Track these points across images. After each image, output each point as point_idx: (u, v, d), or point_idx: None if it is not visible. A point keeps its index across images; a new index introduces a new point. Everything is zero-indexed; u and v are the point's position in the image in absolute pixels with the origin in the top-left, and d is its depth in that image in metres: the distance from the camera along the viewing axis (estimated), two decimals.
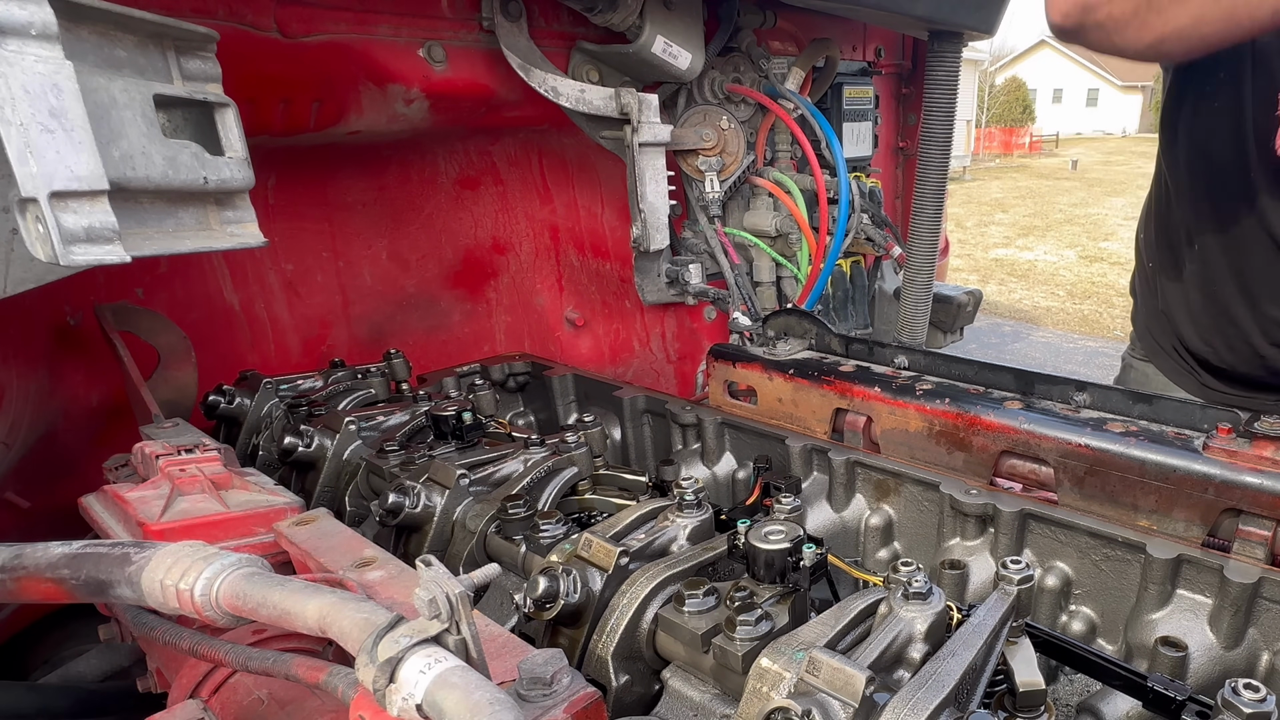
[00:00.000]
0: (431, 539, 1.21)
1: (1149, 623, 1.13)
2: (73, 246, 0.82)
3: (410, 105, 1.79)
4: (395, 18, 1.69)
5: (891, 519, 1.45)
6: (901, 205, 3.20)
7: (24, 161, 0.79)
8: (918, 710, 0.69)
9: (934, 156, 2.25)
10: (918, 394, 1.50)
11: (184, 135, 1.06)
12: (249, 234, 1.12)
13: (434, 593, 0.62)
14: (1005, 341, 8.35)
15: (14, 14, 0.77)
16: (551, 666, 0.67)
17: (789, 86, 2.29)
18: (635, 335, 2.53)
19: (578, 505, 1.31)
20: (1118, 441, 1.27)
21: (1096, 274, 11.39)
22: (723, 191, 2.27)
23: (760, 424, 1.63)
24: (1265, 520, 1.14)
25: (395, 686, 0.59)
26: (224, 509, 1.09)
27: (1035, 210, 17.75)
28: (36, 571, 0.82)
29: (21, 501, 1.51)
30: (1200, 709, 0.84)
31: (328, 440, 1.46)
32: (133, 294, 1.73)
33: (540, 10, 1.88)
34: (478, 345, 2.43)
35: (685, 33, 1.93)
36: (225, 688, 0.90)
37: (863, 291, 2.76)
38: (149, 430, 1.33)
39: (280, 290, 2.01)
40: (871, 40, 2.81)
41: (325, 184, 2.03)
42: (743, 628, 0.81)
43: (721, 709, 0.84)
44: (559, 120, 2.01)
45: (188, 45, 1.07)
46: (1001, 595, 0.87)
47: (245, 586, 0.74)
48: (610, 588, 0.94)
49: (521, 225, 2.41)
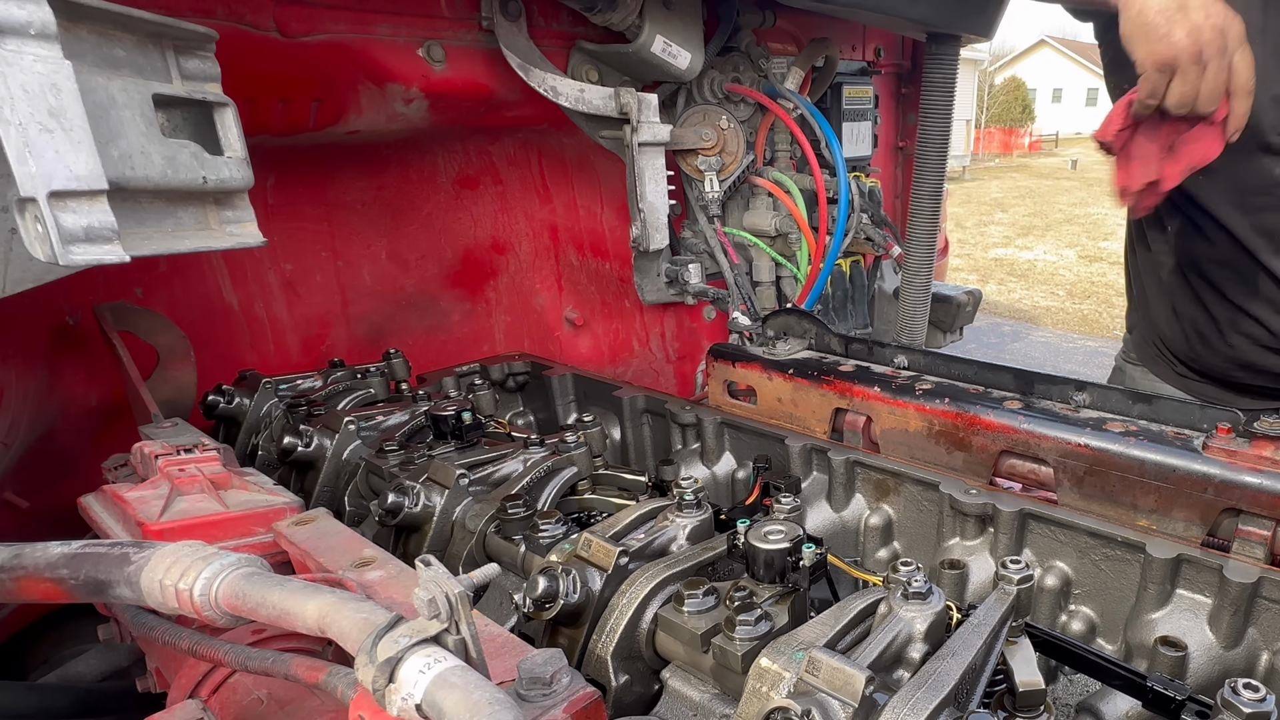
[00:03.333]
0: (431, 539, 1.21)
1: (1148, 622, 1.13)
2: (72, 246, 0.82)
3: (409, 105, 1.79)
4: (394, 17, 1.69)
5: (891, 519, 1.45)
6: (901, 205, 3.20)
7: (23, 161, 0.79)
8: (917, 710, 0.69)
9: (931, 157, 2.25)
10: (917, 394, 1.50)
11: (183, 135, 1.05)
12: (248, 234, 1.12)
13: (433, 593, 0.62)
14: (1005, 341, 8.35)
15: (13, 14, 0.77)
16: (551, 666, 0.67)
17: (788, 86, 2.29)
18: (635, 335, 2.53)
19: (577, 505, 1.31)
20: (1117, 441, 1.27)
21: (1096, 274, 11.39)
22: (722, 191, 2.27)
23: (760, 424, 1.63)
24: (1265, 520, 1.14)
25: (395, 686, 0.59)
26: (223, 509, 1.08)
27: (1035, 210, 17.75)
28: (36, 571, 0.82)
29: (21, 501, 1.51)
30: (1200, 709, 0.84)
31: (327, 440, 1.46)
32: (132, 294, 1.73)
33: (540, 10, 1.88)
34: (477, 345, 2.43)
35: (685, 32, 1.93)
36: (225, 688, 0.90)
37: (862, 291, 2.76)
38: (148, 430, 1.33)
39: (279, 290, 2.01)
40: (871, 40, 2.80)
41: (324, 184, 2.02)
42: (742, 628, 0.81)
43: (721, 709, 0.84)
44: (558, 120, 2.01)
45: (187, 45, 1.07)
46: (1001, 595, 0.87)
47: (244, 586, 0.74)
48: (610, 587, 0.94)
49: (521, 225, 2.41)
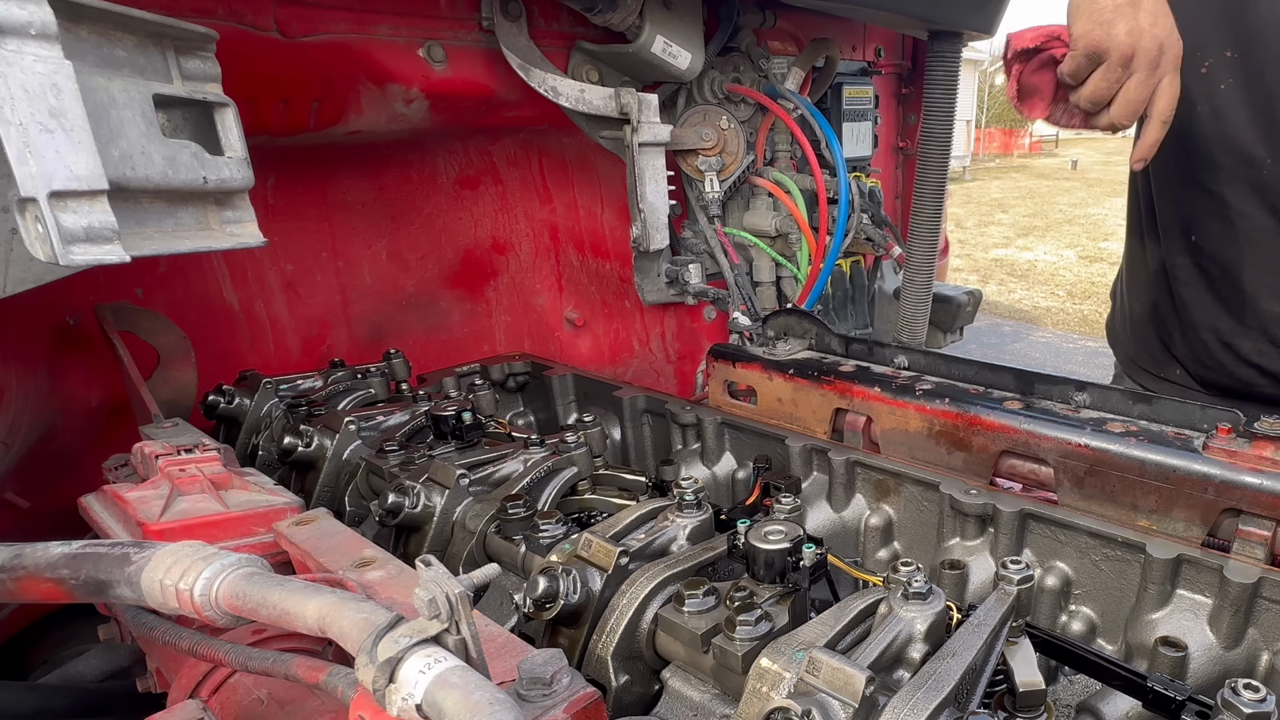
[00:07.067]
0: (431, 539, 1.21)
1: (1149, 623, 1.13)
2: (72, 246, 0.82)
3: (410, 105, 1.79)
4: (395, 17, 1.69)
5: (891, 519, 1.45)
6: (901, 205, 3.20)
7: (23, 161, 0.79)
8: (917, 710, 0.69)
9: (933, 156, 2.25)
10: (917, 394, 1.50)
11: (183, 135, 1.05)
12: (248, 234, 1.12)
13: (434, 593, 0.62)
14: (1005, 341, 8.35)
15: (13, 13, 0.77)
16: (551, 666, 0.67)
17: (789, 86, 2.29)
18: (635, 335, 2.53)
19: (577, 505, 1.31)
20: (1117, 441, 1.27)
21: (1096, 274, 11.39)
22: (722, 191, 2.27)
23: (760, 424, 1.63)
24: (1265, 520, 1.14)
25: (395, 686, 0.59)
26: (224, 509, 1.08)
27: (1035, 210, 17.74)
28: (36, 571, 0.82)
29: (21, 501, 1.51)
30: (1200, 709, 0.84)
31: (327, 440, 1.46)
32: (132, 294, 1.73)
33: (540, 10, 1.88)
34: (477, 345, 2.43)
35: (685, 33, 1.93)
36: (225, 688, 0.90)
37: (862, 291, 2.76)
38: (149, 430, 1.33)
39: (280, 290, 2.01)
40: (871, 40, 2.80)
41: (325, 184, 2.02)
42: (742, 628, 0.81)
43: (721, 709, 0.84)
44: (559, 120, 2.01)
45: (187, 45, 1.07)
46: (1001, 595, 0.87)
47: (245, 586, 0.74)
48: (610, 588, 0.94)
49: (521, 225, 2.41)
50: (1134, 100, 1.27)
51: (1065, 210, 17.65)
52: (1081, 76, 1.29)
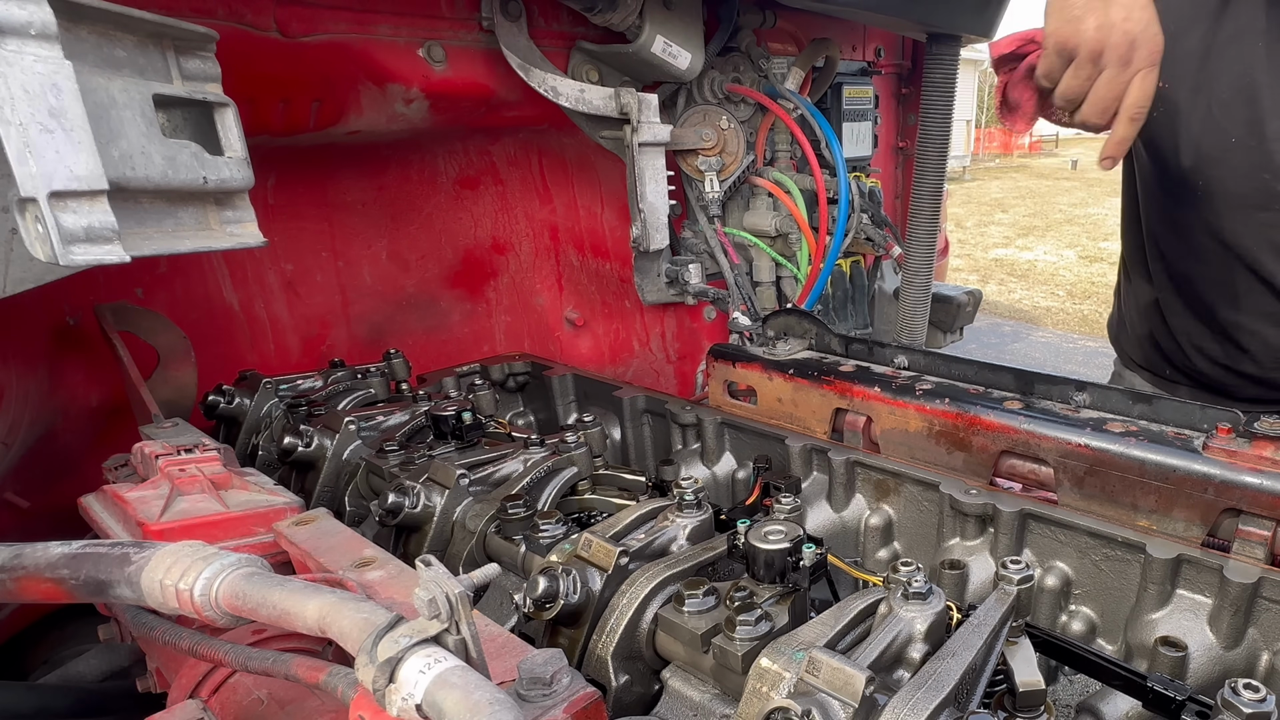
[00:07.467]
0: (431, 539, 1.21)
1: (1149, 623, 1.13)
2: (72, 246, 0.82)
3: (410, 105, 1.79)
4: (395, 17, 1.69)
5: (891, 519, 1.45)
6: (901, 205, 3.20)
7: (23, 161, 0.79)
8: (917, 710, 0.69)
9: (931, 157, 2.25)
10: (917, 394, 1.50)
11: (183, 135, 1.05)
12: (248, 234, 1.12)
13: (434, 593, 0.62)
14: (1005, 341, 8.35)
15: (13, 14, 0.77)
16: (551, 666, 0.67)
17: (789, 86, 2.29)
18: (635, 335, 2.53)
19: (577, 505, 1.31)
20: (1117, 441, 1.27)
21: (1096, 274, 11.39)
22: (722, 191, 2.27)
23: (760, 424, 1.63)
24: (1265, 520, 1.14)
25: (395, 686, 0.59)
26: (224, 509, 1.08)
27: (1035, 210, 17.75)
28: (36, 571, 0.82)
29: (21, 501, 1.51)
30: (1200, 709, 0.84)
31: (327, 440, 1.46)
32: (132, 294, 1.73)
33: (540, 10, 1.88)
34: (477, 345, 2.43)
35: (685, 33, 1.93)
36: (225, 688, 0.90)
37: (862, 291, 2.76)
38: (149, 430, 1.33)
39: (280, 290, 2.01)
40: (871, 40, 2.80)
41: (325, 184, 2.02)
42: (742, 628, 0.81)
43: (721, 709, 0.84)
44: (559, 120, 2.01)
45: (187, 45, 1.07)
46: (1001, 595, 0.87)
47: (245, 586, 0.74)
48: (610, 588, 0.94)
49: (521, 225, 2.41)
50: (1104, 98, 1.24)
51: (1065, 210, 17.65)
52: (1055, 76, 1.27)
